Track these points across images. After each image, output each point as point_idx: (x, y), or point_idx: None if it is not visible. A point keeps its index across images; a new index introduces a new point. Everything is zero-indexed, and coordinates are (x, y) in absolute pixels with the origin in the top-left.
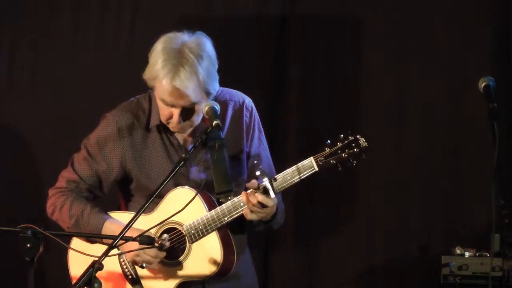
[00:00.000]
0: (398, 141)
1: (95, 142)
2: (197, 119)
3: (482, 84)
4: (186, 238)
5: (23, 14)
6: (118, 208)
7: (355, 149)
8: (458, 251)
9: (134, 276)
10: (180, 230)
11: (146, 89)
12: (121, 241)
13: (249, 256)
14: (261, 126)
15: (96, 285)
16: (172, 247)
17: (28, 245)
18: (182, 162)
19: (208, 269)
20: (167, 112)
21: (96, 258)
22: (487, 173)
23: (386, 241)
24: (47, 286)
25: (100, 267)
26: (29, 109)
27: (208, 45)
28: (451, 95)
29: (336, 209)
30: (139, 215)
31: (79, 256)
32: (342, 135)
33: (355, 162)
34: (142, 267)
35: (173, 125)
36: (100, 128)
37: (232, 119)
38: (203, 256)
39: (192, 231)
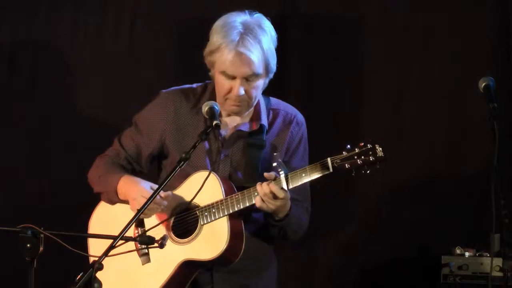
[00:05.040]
0: (398, 140)
1: (143, 115)
2: (255, 94)
3: (482, 84)
4: (199, 219)
5: (23, 14)
6: None
7: (370, 158)
8: (458, 251)
9: (144, 248)
10: (195, 211)
11: (147, 89)
12: (121, 241)
13: (274, 271)
14: (307, 145)
15: (96, 285)
16: (185, 226)
17: (28, 245)
18: (182, 162)
19: (210, 252)
20: (227, 86)
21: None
22: (487, 173)
23: (386, 241)
24: (47, 286)
25: (100, 267)
26: (29, 109)
27: (269, 23)
28: (451, 95)
29: (336, 208)
30: (142, 212)
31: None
32: (362, 142)
33: (369, 170)
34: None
35: (232, 97)
36: (150, 104)
37: (279, 128)
38: (210, 239)
39: (205, 213)
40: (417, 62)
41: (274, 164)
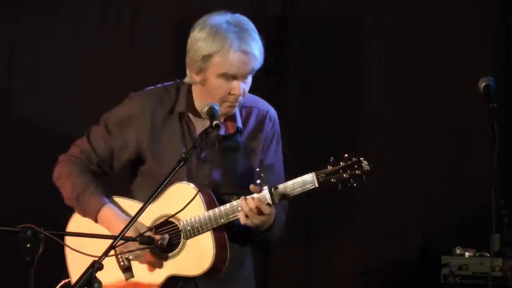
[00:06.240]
0: (398, 140)
1: (115, 118)
2: (248, 90)
3: (482, 84)
4: (181, 233)
5: (23, 14)
6: (129, 191)
7: (356, 171)
8: (458, 251)
9: (126, 263)
10: (176, 225)
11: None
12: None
13: (251, 264)
14: (280, 140)
15: (96, 285)
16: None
17: (28, 245)
18: (182, 162)
19: (197, 267)
20: (226, 87)
21: (96, 258)
22: (487, 173)
23: (385, 241)
24: (47, 286)
25: (100, 267)
26: (29, 109)
27: (246, 19)
28: (451, 95)
29: (335, 208)
30: (138, 216)
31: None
32: (346, 155)
33: (355, 184)
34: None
35: (231, 99)
36: (122, 106)
37: (254, 126)
38: (195, 254)
39: (188, 228)
40: (417, 62)
41: (258, 181)
